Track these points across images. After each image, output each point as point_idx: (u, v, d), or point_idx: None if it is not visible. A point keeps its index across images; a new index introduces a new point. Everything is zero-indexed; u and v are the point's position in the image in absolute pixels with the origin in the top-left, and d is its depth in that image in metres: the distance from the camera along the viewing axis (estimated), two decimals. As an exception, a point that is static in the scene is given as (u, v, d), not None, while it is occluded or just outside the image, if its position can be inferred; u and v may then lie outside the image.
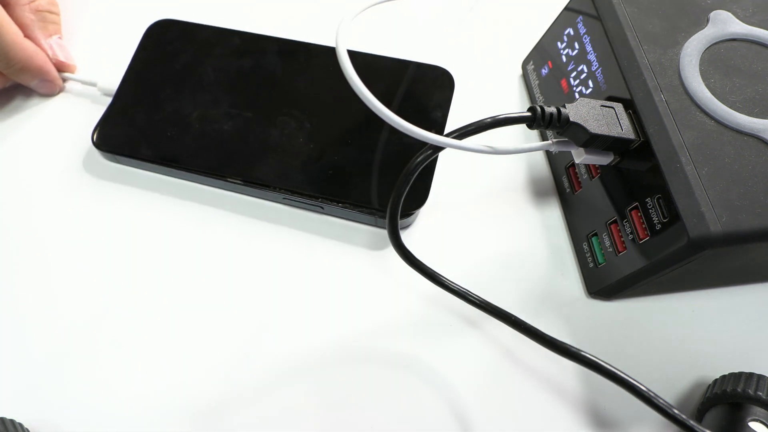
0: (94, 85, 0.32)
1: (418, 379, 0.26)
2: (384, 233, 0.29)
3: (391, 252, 0.28)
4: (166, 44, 0.32)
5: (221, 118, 0.30)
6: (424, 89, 0.31)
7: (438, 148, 0.22)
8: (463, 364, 0.26)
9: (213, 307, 0.27)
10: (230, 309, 0.27)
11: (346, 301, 0.27)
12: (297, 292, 0.28)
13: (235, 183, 0.29)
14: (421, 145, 0.21)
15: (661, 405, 0.21)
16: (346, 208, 0.28)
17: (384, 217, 0.27)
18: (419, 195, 0.28)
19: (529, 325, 0.24)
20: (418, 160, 0.22)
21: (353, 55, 0.31)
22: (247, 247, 0.28)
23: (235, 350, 0.26)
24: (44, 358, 0.26)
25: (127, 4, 0.36)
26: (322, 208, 0.28)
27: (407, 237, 0.29)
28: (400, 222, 0.28)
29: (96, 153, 0.30)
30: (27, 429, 0.24)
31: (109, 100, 0.31)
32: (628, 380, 0.22)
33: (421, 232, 0.29)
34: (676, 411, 0.21)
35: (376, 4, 0.25)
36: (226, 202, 0.30)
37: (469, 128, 0.21)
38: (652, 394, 0.21)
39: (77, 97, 0.33)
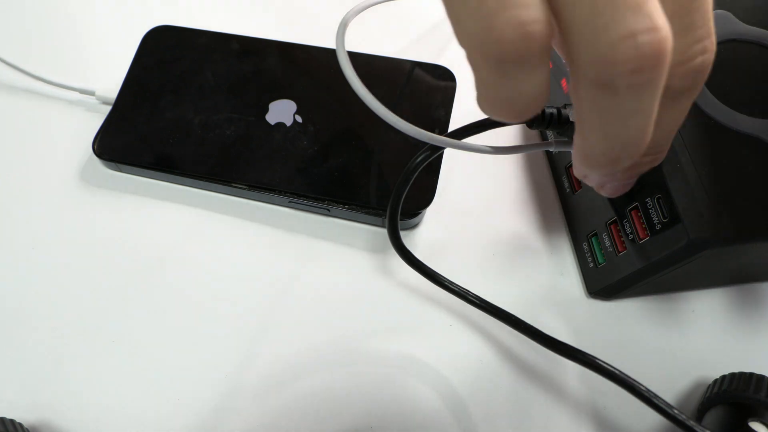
0: (92, 93, 0.32)
1: (419, 378, 0.26)
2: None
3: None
4: (165, 50, 0.32)
5: (223, 122, 0.30)
6: (426, 88, 0.31)
7: (438, 148, 0.22)
8: (463, 363, 0.26)
9: (217, 308, 0.27)
10: (235, 310, 0.27)
11: (352, 301, 0.27)
12: (304, 294, 0.28)
13: (239, 187, 0.29)
14: (426, 143, 0.21)
15: (660, 405, 0.21)
16: (352, 209, 0.28)
17: None
18: (425, 195, 0.28)
19: (529, 324, 0.24)
20: (418, 160, 0.22)
21: (354, 56, 0.31)
22: (253, 250, 0.28)
23: (239, 351, 0.26)
24: (44, 358, 0.26)
25: (124, 12, 0.36)
26: (329, 210, 0.28)
27: (415, 237, 0.29)
28: (407, 222, 0.28)
29: (96, 162, 0.30)
30: (27, 429, 0.24)
31: (108, 108, 0.31)
32: (627, 380, 0.22)
33: (428, 232, 0.29)
34: (676, 411, 0.21)
35: (375, 4, 0.25)
36: (229, 206, 0.30)
37: (469, 128, 0.21)
38: (652, 394, 0.21)
39: (75, 106, 0.32)
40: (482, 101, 0.15)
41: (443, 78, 0.31)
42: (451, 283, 0.25)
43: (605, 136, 0.15)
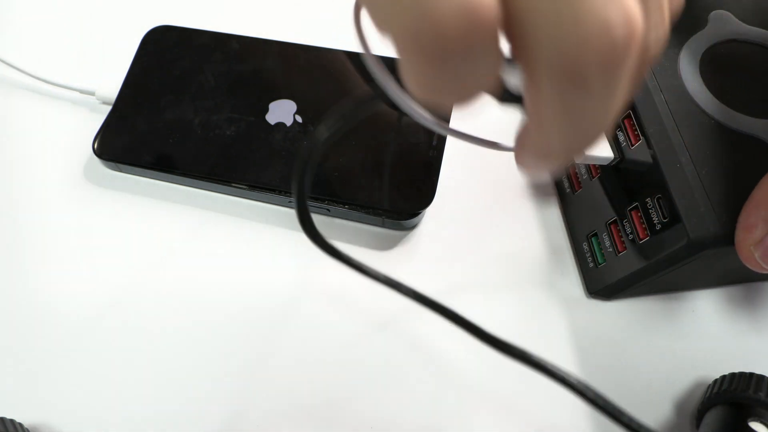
0: (92, 93, 0.32)
1: (419, 379, 0.26)
2: (390, 233, 0.29)
3: (397, 252, 0.28)
4: (165, 50, 0.32)
5: (223, 122, 0.30)
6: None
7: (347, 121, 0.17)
8: (462, 363, 0.26)
9: (216, 308, 0.27)
10: (234, 310, 0.27)
11: (352, 301, 0.27)
12: (303, 294, 0.27)
13: (239, 187, 0.29)
14: (426, 143, 0.21)
15: (610, 410, 0.20)
16: (352, 209, 0.28)
17: (391, 218, 0.27)
18: (425, 194, 0.28)
19: (477, 324, 0.22)
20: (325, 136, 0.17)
21: (354, 56, 0.31)
22: (252, 250, 0.28)
23: (239, 351, 0.26)
24: (44, 358, 0.26)
25: (124, 12, 0.36)
26: (329, 210, 0.28)
27: (415, 237, 0.29)
28: (407, 222, 0.28)
29: (96, 162, 0.30)
30: (27, 429, 0.24)
31: (108, 108, 0.31)
32: (577, 385, 0.20)
33: (428, 232, 0.29)
34: (626, 418, 0.20)
35: None
36: (229, 206, 0.30)
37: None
38: (603, 399, 0.20)
39: (75, 106, 0.32)
40: (413, 88, 0.13)
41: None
42: (377, 272, 0.23)
43: (572, 131, 0.13)
